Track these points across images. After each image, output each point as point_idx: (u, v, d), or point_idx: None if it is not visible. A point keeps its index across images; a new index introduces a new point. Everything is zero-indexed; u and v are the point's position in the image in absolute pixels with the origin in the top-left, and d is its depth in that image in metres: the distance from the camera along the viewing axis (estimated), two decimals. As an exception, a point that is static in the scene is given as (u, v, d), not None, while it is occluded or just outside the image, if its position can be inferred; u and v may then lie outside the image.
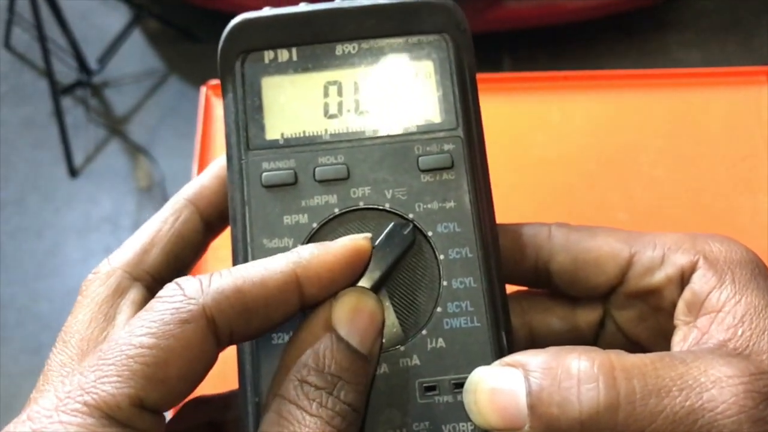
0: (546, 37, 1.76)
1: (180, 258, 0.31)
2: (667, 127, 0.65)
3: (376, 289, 0.27)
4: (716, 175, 0.62)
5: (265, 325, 0.25)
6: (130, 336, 0.23)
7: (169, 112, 1.76)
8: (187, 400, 0.31)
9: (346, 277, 0.26)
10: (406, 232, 0.28)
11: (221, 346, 0.24)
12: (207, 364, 0.24)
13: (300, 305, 0.25)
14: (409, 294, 0.28)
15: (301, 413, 0.24)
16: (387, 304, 0.27)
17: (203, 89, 0.65)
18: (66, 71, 1.75)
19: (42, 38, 1.63)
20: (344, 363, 0.25)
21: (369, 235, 0.28)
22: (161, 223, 0.31)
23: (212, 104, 0.64)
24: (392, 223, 0.28)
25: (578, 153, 0.63)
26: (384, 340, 0.27)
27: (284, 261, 0.25)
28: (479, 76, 0.31)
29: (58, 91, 1.67)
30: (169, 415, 0.31)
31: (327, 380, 0.24)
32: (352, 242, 0.26)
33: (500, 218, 0.30)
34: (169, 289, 0.24)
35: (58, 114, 1.66)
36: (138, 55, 1.85)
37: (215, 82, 0.64)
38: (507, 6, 1.63)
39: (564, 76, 0.67)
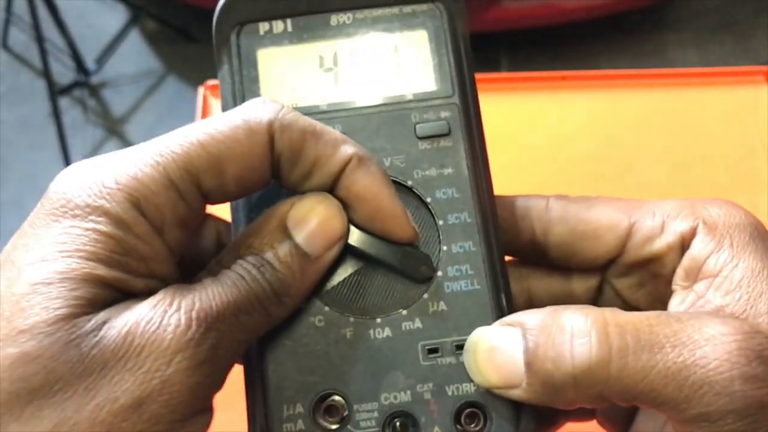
0: (544, 37, 1.76)
1: None
2: (664, 127, 0.65)
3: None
4: (714, 174, 0.62)
5: (302, 176, 0.27)
6: (204, 126, 0.25)
7: (167, 113, 1.76)
8: None
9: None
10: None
11: (270, 172, 0.26)
12: (258, 179, 0.26)
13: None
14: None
15: (232, 273, 0.25)
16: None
17: (201, 89, 0.64)
18: (63, 71, 1.75)
19: (39, 38, 1.63)
20: (282, 256, 0.26)
21: None
22: None
23: (210, 104, 0.64)
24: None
25: (576, 153, 0.63)
26: (388, 304, 0.27)
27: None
28: (477, 76, 0.31)
29: (55, 92, 1.67)
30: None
31: (260, 262, 0.26)
32: None
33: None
34: (254, 101, 0.26)
35: (56, 114, 1.66)
36: (136, 56, 1.84)
37: (213, 82, 0.64)
38: (505, 6, 1.63)
39: (562, 76, 0.67)
